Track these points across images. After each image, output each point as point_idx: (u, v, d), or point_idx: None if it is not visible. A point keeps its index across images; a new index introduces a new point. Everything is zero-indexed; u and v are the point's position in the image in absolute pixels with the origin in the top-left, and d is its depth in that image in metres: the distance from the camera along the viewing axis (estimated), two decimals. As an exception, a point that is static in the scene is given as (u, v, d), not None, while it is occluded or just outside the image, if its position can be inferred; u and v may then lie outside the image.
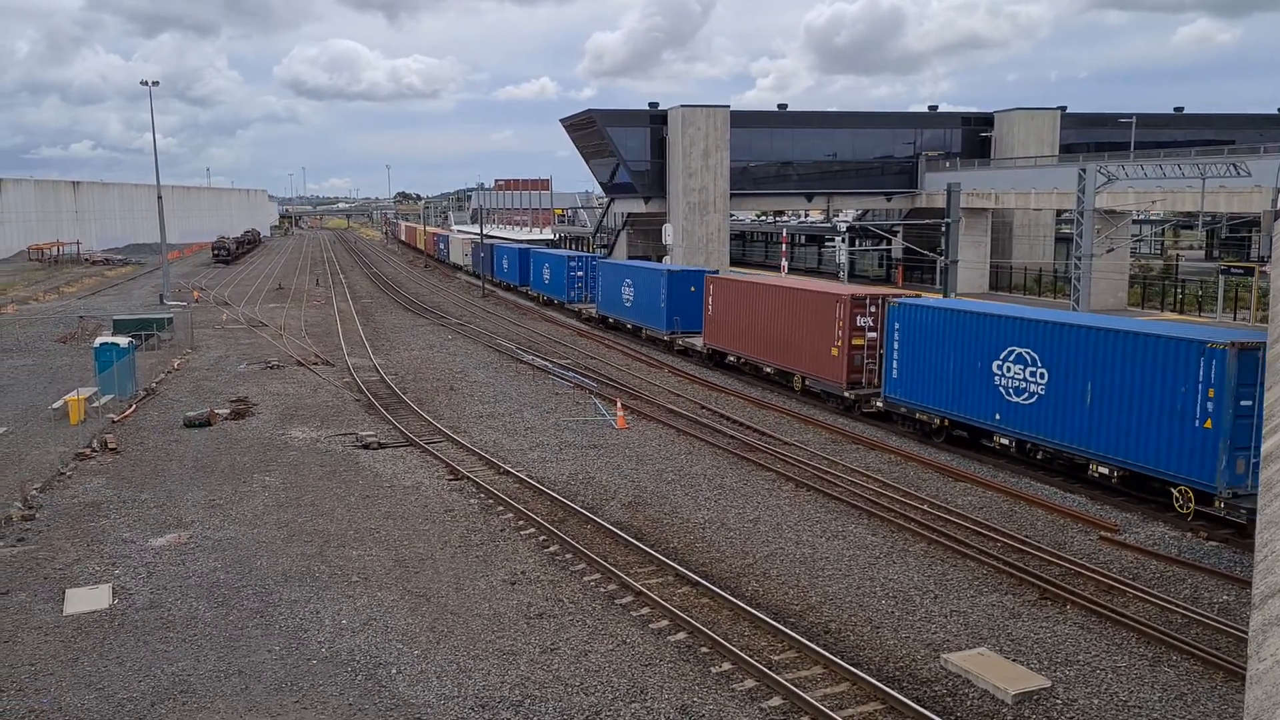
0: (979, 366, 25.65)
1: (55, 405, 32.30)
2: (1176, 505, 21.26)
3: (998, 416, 25.26)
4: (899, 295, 31.05)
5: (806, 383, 33.61)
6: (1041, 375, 23.82)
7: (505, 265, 78.14)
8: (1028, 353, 24.19)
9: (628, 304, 50.17)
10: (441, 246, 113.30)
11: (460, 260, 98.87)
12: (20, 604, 17.41)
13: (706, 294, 40.54)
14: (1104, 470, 22.65)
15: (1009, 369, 24.76)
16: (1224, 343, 19.84)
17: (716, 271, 48.48)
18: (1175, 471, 20.85)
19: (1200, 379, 20.06)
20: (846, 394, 31.25)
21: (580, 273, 60.93)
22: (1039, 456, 24.71)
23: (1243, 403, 19.48)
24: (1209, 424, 19.98)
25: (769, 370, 36.31)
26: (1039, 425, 24.01)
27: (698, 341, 41.96)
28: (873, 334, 30.84)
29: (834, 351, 31.54)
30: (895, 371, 28.89)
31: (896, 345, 28.67)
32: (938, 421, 27.66)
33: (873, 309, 30.86)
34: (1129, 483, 22.40)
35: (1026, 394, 24.29)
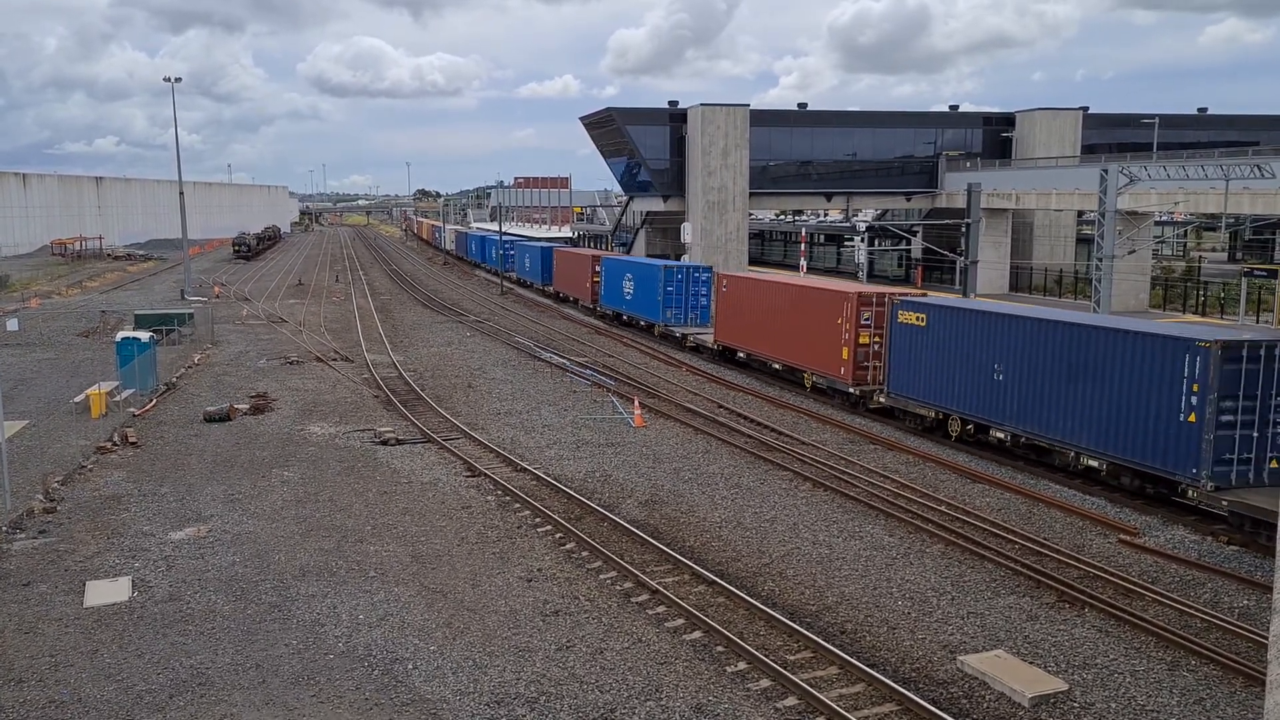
0: (620, 283, 52.76)
1: (77, 399, 32.61)
2: (657, 333, 48.09)
3: (624, 306, 52.46)
4: (611, 256, 61.09)
5: (580, 303, 62.56)
6: (633, 285, 50.78)
7: (474, 248, 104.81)
8: (631, 275, 51.32)
9: (527, 269, 78.59)
10: (438, 236, 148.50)
11: (450, 246, 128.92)
12: (41, 595, 17.60)
13: (554, 260, 70.24)
14: (642, 324, 50.00)
15: (626, 284, 51.78)
16: (661, 265, 47.68)
17: (562, 245, 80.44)
18: (654, 320, 47.82)
19: (659, 281, 46.65)
20: (590, 305, 59.86)
21: (513, 252, 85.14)
22: (632, 325, 51.58)
23: (668, 289, 46.22)
24: (661, 299, 46.70)
25: (572, 298, 65.47)
26: (632, 307, 51.17)
27: (551, 288, 71.44)
28: None
29: (588, 285, 59.95)
30: (602, 290, 56.88)
31: (602, 279, 56.76)
32: (613, 314, 54.78)
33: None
34: (649, 328, 48.93)
35: (631, 294, 51.27)
